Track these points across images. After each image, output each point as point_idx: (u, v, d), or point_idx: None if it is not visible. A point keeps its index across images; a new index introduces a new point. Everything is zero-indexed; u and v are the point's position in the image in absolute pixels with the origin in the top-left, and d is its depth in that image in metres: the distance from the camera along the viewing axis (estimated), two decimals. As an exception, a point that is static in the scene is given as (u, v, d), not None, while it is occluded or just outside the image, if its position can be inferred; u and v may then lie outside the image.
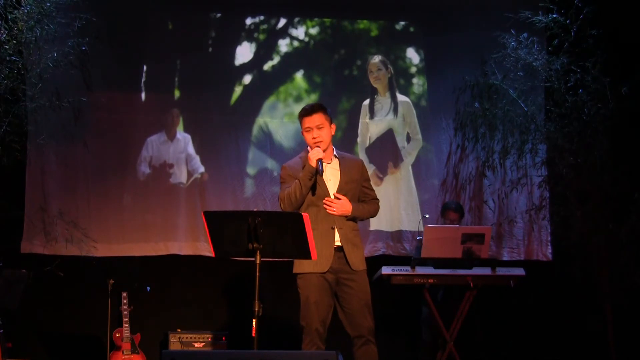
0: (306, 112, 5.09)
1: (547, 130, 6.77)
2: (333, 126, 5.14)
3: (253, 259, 4.57)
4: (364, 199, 5.20)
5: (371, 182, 5.38)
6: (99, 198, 6.88)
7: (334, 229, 5.01)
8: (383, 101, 7.29)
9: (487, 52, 6.98)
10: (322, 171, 4.99)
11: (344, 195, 5.06)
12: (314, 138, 5.04)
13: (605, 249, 6.62)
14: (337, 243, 5.02)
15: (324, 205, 5.02)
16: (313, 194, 5.03)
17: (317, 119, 5.05)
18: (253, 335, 4.54)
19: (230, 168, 7.09)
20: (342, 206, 5.04)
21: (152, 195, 6.98)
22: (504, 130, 6.92)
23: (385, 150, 7.26)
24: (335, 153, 5.17)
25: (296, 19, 7.33)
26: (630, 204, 6.59)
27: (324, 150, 5.04)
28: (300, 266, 5.04)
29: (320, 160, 4.97)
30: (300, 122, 5.11)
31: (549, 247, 7.20)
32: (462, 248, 6.12)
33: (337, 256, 5.01)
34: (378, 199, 5.28)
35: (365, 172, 5.27)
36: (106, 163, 6.92)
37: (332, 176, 5.10)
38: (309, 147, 5.13)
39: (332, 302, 5.05)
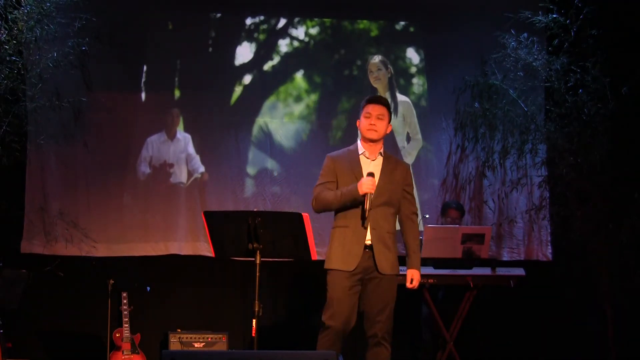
0: (372, 99, 5.04)
1: (547, 130, 6.77)
2: (390, 126, 5.05)
3: (253, 259, 4.57)
4: (402, 211, 5.06)
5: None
6: (99, 198, 6.88)
7: (366, 228, 4.92)
8: (383, 101, 7.28)
9: (487, 52, 6.98)
10: (368, 210, 4.84)
11: (382, 196, 4.94)
12: (372, 125, 4.95)
13: (605, 249, 6.62)
14: (366, 242, 4.92)
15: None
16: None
17: (380, 109, 4.98)
18: (253, 335, 4.55)
19: (230, 168, 7.09)
20: (417, 277, 5.03)
21: (152, 195, 6.98)
22: (504, 130, 6.92)
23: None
24: (381, 151, 5.06)
25: (296, 19, 7.33)
26: (630, 204, 6.59)
27: (376, 140, 4.98)
28: (329, 261, 4.94)
29: (368, 195, 4.83)
30: (363, 107, 5.01)
31: (549, 247, 7.20)
32: (462, 248, 6.13)
33: (367, 255, 4.92)
34: (417, 213, 5.16)
35: (408, 177, 5.12)
36: (106, 163, 6.92)
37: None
38: (360, 141, 5.05)
39: (356, 304, 4.96)
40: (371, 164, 5.00)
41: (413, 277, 5.00)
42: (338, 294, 4.90)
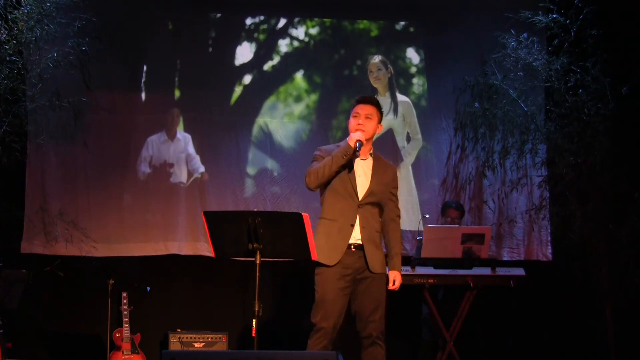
0: (361, 99, 5.04)
1: (547, 130, 6.77)
2: (380, 126, 5.06)
3: (253, 259, 4.57)
4: (387, 213, 5.08)
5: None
6: (99, 198, 6.88)
7: (352, 226, 4.94)
8: (383, 101, 7.25)
9: (487, 52, 6.98)
10: (358, 153, 4.88)
11: (372, 196, 4.98)
12: (359, 124, 4.94)
13: (605, 249, 6.62)
14: (356, 241, 4.93)
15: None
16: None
17: (369, 109, 4.99)
18: (253, 335, 4.54)
19: (230, 168, 7.09)
20: (399, 279, 5.02)
21: (152, 195, 6.99)
22: (504, 130, 6.92)
23: (385, 150, 7.21)
24: (371, 152, 5.08)
25: (296, 19, 7.33)
26: (630, 204, 6.59)
27: (365, 141, 4.95)
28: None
29: (359, 143, 4.85)
30: (353, 108, 5.03)
31: (549, 247, 7.20)
32: (462, 248, 6.13)
33: (358, 255, 4.94)
34: (400, 214, 5.17)
35: (396, 180, 5.17)
36: (106, 163, 6.92)
37: (362, 173, 5.00)
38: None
39: (346, 304, 4.97)
40: (361, 163, 5.02)
41: (395, 278, 5.02)
42: (331, 294, 4.91)
